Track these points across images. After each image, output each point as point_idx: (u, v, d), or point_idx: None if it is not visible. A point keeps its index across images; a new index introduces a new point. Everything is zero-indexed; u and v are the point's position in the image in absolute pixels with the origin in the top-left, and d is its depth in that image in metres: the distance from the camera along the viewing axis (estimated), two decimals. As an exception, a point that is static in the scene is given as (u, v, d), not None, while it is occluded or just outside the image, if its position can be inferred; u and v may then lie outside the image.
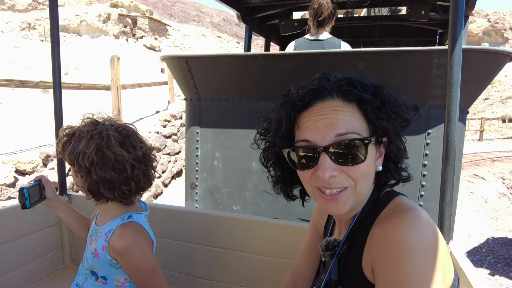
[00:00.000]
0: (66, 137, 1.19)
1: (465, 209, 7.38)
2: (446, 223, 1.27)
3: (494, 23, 37.87)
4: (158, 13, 62.22)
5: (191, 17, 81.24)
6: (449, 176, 1.25)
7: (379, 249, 0.75)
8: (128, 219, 1.23)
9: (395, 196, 0.86)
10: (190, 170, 2.59)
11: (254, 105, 2.28)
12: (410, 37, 4.59)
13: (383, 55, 1.94)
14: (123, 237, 1.16)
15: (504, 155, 14.12)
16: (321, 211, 1.14)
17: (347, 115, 0.80)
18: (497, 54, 1.85)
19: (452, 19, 1.19)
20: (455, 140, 1.25)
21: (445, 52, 1.76)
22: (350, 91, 0.81)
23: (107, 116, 1.27)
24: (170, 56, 2.46)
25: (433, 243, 0.71)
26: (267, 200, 2.31)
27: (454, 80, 1.22)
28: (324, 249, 0.94)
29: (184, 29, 43.51)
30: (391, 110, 0.83)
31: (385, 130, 0.82)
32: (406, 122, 0.87)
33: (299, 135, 0.84)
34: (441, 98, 1.86)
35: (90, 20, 30.46)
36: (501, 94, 29.24)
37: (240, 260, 1.69)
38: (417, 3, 3.06)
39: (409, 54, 1.89)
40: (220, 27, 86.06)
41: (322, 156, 0.78)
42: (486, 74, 1.93)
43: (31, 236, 1.89)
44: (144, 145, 1.25)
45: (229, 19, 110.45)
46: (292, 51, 2.43)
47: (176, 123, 9.62)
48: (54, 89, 1.90)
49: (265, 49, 4.60)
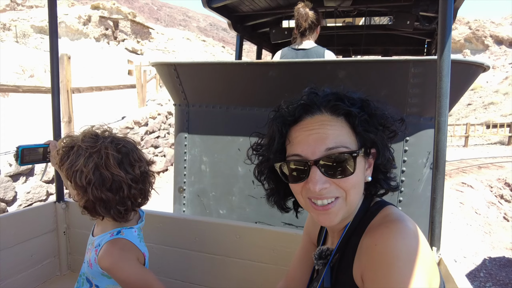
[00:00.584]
0: (64, 149, 1.18)
1: (457, 223, 7.21)
2: (436, 230, 1.29)
3: (475, 30, 38.54)
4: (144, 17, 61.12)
5: (178, 22, 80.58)
6: (439, 184, 1.28)
7: (368, 258, 0.77)
8: (117, 235, 1.22)
9: (384, 206, 0.89)
10: (178, 174, 2.63)
11: (241, 112, 2.34)
12: (399, 46, 4.66)
13: (362, 64, 1.99)
14: (109, 255, 1.16)
15: (490, 161, 14.11)
16: (314, 220, 1.16)
17: (336, 129, 0.83)
18: (470, 65, 1.89)
19: (441, 32, 1.23)
20: (445, 149, 1.28)
21: (420, 62, 1.82)
22: (338, 105, 0.84)
23: (107, 127, 1.26)
24: (159, 63, 2.52)
25: (420, 252, 0.73)
26: (253, 204, 2.35)
27: (443, 91, 1.25)
28: (317, 258, 0.97)
29: (168, 32, 43.02)
30: (378, 122, 0.86)
31: (373, 142, 0.85)
32: (393, 133, 0.90)
33: (291, 150, 0.87)
34: (417, 106, 1.91)
35: (69, 22, 29.27)
36: (483, 100, 29.69)
37: (235, 266, 1.71)
38: (402, 13, 3.14)
39: (386, 64, 1.96)
40: (206, 32, 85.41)
41: (312, 169, 0.81)
42: (460, 85, 1.97)
43: (27, 243, 1.90)
44: (142, 163, 1.24)
45: (216, 24, 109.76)
46: (278, 59, 2.49)
47: (140, 131, 8.66)
48: (52, 94, 1.93)
49: (257, 57, 4.65)
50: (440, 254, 1.29)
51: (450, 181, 10.27)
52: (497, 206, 8.51)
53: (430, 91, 1.87)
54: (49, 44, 1.93)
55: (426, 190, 1.99)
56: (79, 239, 2.06)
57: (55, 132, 1.95)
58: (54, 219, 2.03)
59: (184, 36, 42.96)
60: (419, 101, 1.90)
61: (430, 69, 1.82)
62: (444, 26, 1.22)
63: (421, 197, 2.02)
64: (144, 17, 60.46)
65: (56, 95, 1.94)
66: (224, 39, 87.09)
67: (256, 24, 4.03)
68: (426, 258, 0.74)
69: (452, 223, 7.11)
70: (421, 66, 1.82)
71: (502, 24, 40.02)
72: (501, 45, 38.19)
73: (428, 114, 1.93)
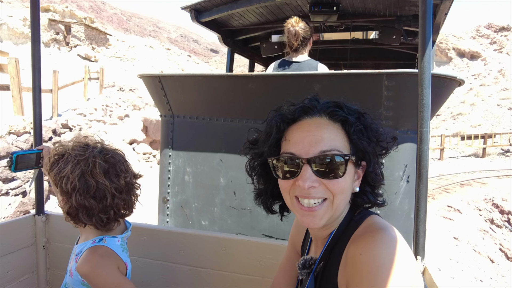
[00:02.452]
0: (55, 156, 1.22)
1: (465, 274, 6.02)
2: (421, 240, 1.31)
3: (439, 43, 40.41)
4: (113, 27, 59.76)
5: (148, 32, 79.42)
6: (422, 194, 1.31)
7: (352, 267, 0.78)
8: (99, 242, 1.23)
9: (368, 215, 0.91)
10: (163, 184, 2.65)
11: (223, 123, 2.38)
12: (389, 60, 4.79)
13: (336, 77, 2.05)
14: (87, 261, 1.17)
15: (470, 177, 14.06)
16: (299, 229, 1.16)
17: (332, 134, 0.86)
18: (443, 79, 1.95)
19: (421, 46, 1.27)
20: (427, 159, 1.31)
21: (394, 75, 1.86)
22: (337, 111, 0.88)
23: (100, 139, 1.30)
24: (145, 75, 2.56)
25: (404, 261, 0.75)
26: (234, 215, 2.37)
27: (425, 102, 1.29)
28: (301, 268, 0.97)
29: (129, 39, 40.99)
30: (372, 135, 0.90)
31: (365, 152, 0.88)
32: (384, 150, 0.93)
33: (286, 148, 0.89)
34: (392, 119, 1.95)
35: (13, 24, 26.13)
36: (451, 110, 30.57)
37: (221, 279, 1.68)
38: (388, 28, 3.26)
39: (360, 77, 2.00)
40: (177, 43, 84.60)
41: (304, 167, 0.84)
42: (438, 98, 2.02)
43: (4, 258, 1.82)
44: (128, 174, 1.27)
45: (187, 35, 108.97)
46: (270, 72, 2.52)
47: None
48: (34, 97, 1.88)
49: (249, 70, 4.73)
50: (425, 263, 1.30)
51: (434, 203, 9.75)
52: (490, 235, 8.12)
53: (405, 104, 1.91)
54: (30, 47, 1.90)
55: (403, 203, 2.01)
56: (59, 253, 1.99)
57: (36, 130, 1.89)
58: (33, 232, 1.96)
59: (147, 44, 41.52)
60: (394, 114, 1.94)
61: (403, 82, 1.86)
62: (424, 40, 1.27)
63: (398, 210, 2.04)
64: (113, 27, 58.81)
65: (37, 98, 1.89)
66: (195, 50, 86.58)
67: (247, 38, 4.11)
68: (410, 267, 0.75)
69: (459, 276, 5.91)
70: (395, 79, 1.86)
71: (463, 37, 42.24)
72: (463, 57, 40.35)
73: (404, 127, 1.97)
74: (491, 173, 15.49)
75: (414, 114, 1.89)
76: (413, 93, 1.85)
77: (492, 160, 20.44)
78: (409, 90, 1.86)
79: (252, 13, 3.44)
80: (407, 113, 1.94)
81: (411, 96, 1.84)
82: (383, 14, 3.21)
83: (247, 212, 2.32)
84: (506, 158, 20.93)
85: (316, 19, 3.09)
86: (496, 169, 16.63)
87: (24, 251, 1.93)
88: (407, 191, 1.98)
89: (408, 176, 1.97)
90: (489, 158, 21.07)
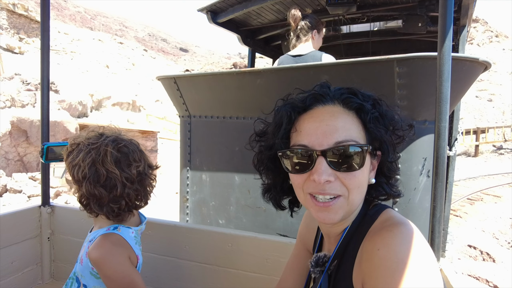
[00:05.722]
0: (72, 146, 1.23)
1: None
2: (436, 240, 1.25)
3: None
4: (76, 26, 56.36)
5: (113, 31, 76.86)
6: (438, 192, 1.24)
7: (369, 263, 0.73)
8: (113, 230, 1.22)
9: (383, 209, 0.85)
10: (182, 183, 2.68)
11: (236, 121, 2.39)
12: (408, 52, 4.57)
13: (344, 66, 1.95)
14: (99, 247, 1.17)
15: (476, 186, 11.09)
16: (309, 225, 1.11)
17: (347, 123, 0.80)
18: (462, 61, 1.78)
19: (441, 36, 1.19)
20: (445, 155, 1.25)
21: (405, 60, 1.72)
22: (351, 98, 0.82)
23: (116, 130, 1.30)
24: (162, 77, 2.58)
25: (424, 257, 0.70)
26: (249, 214, 2.35)
27: (444, 96, 1.21)
28: (313, 265, 0.92)
29: (75, 32, 37.63)
30: (388, 123, 0.84)
31: (382, 141, 0.82)
32: (400, 138, 0.88)
33: (297, 139, 0.83)
34: (407, 109, 1.81)
35: None
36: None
37: (226, 276, 1.64)
38: (411, 16, 3.04)
39: (369, 65, 1.87)
40: (145, 42, 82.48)
41: (318, 160, 0.78)
42: (455, 85, 1.90)
43: (8, 249, 1.81)
44: (141, 164, 1.26)
45: (155, 34, 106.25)
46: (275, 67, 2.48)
47: None
48: (42, 95, 1.88)
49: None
50: (440, 265, 1.24)
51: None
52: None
53: (420, 92, 1.79)
54: (40, 44, 1.89)
55: (423, 200, 1.90)
56: (64, 245, 1.97)
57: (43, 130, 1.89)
58: (38, 224, 1.95)
59: (95, 37, 38.99)
60: (409, 103, 1.81)
61: (416, 67, 1.73)
62: (444, 30, 1.18)
63: (418, 208, 1.93)
64: (76, 26, 56.55)
65: (45, 96, 1.89)
66: (163, 49, 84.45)
67: (268, 37, 4.05)
68: (430, 263, 0.70)
69: None
70: (406, 64, 1.73)
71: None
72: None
73: (421, 117, 1.84)
74: (496, 178, 13.23)
75: (431, 102, 1.76)
76: (428, 79, 1.74)
77: (487, 160, 18.51)
78: (423, 76, 1.75)
79: (269, 11, 3.38)
80: (423, 102, 1.81)
81: (426, 83, 1.74)
82: (405, 1, 3.03)
83: (262, 211, 2.30)
84: (501, 157, 18.99)
85: (335, 12, 2.98)
86: (497, 172, 14.15)
87: (29, 242, 1.92)
88: (427, 186, 1.86)
89: (428, 170, 1.85)
90: (482, 157, 19.11)
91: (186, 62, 54.74)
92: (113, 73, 28.02)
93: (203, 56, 78.59)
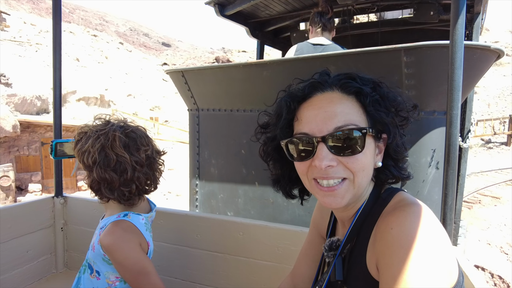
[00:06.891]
0: (79, 135, 1.25)
1: None
2: (448, 228, 1.25)
3: None
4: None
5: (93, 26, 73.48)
6: (450, 179, 1.24)
7: (383, 243, 0.73)
8: (123, 217, 1.24)
9: (396, 192, 0.86)
10: (192, 176, 2.71)
11: (243, 114, 2.39)
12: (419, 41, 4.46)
13: (350, 57, 1.94)
14: (110, 234, 1.19)
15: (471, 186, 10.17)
16: (323, 211, 1.12)
17: (346, 107, 0.80)
18: (472, 49, 1.74)
19: (453, 22, 1.18)
20: (456, 143, 1.25)
21: (412, 49, 1.69)
22: (349, 83, 0.83)
23: (122, 118, 1.32)
24: (170, 70, 2.60)
25: (438, 236, 0.70)
26: (257, 207, 2.37)
27: (456, 84, 1.21)
28: (327, 250, 0.93)
29: (42, 23, 34.18)
30: (390, 105, 0.84)
31: (384, 123, 0.82)
32: (405, 120, 0.87)
33: (298, 128, 0.84)
34: (416, 99, 1.72)
35: None
36: None
37: (237, 265, 1.66)
38: (423, 4, 2.96)
39: (375, 54, 1.85)
40: (126, 37, 79.97)
41: (319, 146, 0.79)
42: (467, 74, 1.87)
43: (23, 238, 1.85)
44: (149, 148, 1.28)
45: (136, 29, 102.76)
46: (292, 55, 2.47)
47: None
48: (54, 94, 1.90)
49: None
50: (453, 252, 1.24)
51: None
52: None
53: (428, 81, 1.77)
54: (52, 46, 1.92)
55: (432, 192, 1.88)
56: (77, 235, 2.01)
57: (55, 126, 1.92)
58: (51, 214, 1.98)
59: (67, 29, 35.43)
60: (417, 93, 1.79)
61: (424, 56, 1.71)
62: (456, 18, 1.18)
63: (426, 200, 1.90)
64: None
65: (57, 97, 1.91)
66: (145, 44, 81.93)
67: (277, 29, 4.02)
68: (445, 243, 0.70)
69: None
70: (414, 53, 1.71)
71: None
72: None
73: (429, 107, 1.81)
74: (490, 175, 12.45)
75: (439, 92, 1.74)
76: (436, 69, 1.71)
77: (476, 155, 17.69)
78: (431, 66, 1.72)
79: (277, 2, 3.36)
80: (431, 92, 1.79)
81: (435, 72, 1.72)
82: None
83: (269, 203, 2.31)
84: (490, 152, 18.21)
85: (344, 2, 2.94)
86: (489, 169, 13.32)
87: (43, 232, 1.96)
88: (436, 178, 1.85)
89: (438, 162, 1.83)
90: (471, 152, 17.90)
91: (168, 57, 53.27)
92: (83, 67, 26.83)
93: (185, 50, 76.16)
